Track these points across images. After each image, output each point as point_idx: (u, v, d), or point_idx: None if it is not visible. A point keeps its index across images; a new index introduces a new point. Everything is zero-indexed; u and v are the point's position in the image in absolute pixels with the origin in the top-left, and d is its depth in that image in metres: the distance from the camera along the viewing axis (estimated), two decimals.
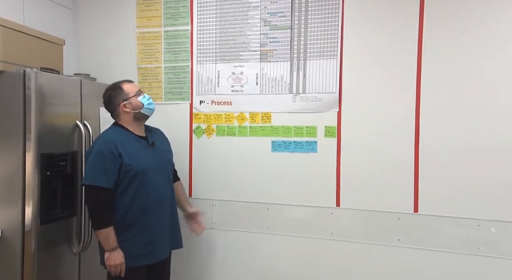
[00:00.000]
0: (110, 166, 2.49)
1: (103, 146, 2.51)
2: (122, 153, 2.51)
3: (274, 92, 3.23)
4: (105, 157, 2.47)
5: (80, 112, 2.96)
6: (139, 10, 3.55)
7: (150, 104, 2.69)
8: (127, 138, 2.60)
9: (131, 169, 2.53)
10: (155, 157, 2.69)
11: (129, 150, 2.56)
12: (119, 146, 2.52)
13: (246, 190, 3.34)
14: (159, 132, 2.92)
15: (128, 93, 2.63)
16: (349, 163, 3.11)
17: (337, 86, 3.09)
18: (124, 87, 2.65)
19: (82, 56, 3.75)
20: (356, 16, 3.06)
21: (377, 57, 3.03)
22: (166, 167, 2.81)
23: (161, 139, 2.85)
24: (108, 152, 2.48)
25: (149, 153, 2.66)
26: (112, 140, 2.53)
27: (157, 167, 2.67)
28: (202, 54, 3.40)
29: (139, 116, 2.67)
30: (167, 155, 2.86)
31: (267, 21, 3.24)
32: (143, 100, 2.65)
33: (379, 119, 3.04)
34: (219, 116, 3.37)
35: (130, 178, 2.54)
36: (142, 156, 2.61)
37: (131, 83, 2.71)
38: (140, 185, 2.56)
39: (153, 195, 2.63)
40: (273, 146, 3.26)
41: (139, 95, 2.66)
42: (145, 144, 2.67)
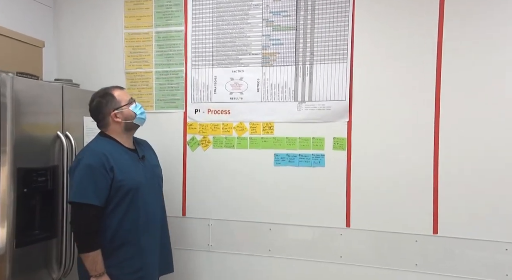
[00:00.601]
0: (101, 182, 2.42)
1: (92, 158, 2.44)
2: (114, 167, 2.45)
3: (277, 100, 3.20)
4: (95, 171, 2.40)
5: (62, 122, 2.92)
6: (127, 9, 3.51)
7: (142, 114, 2.65)
8: (117, 150, 2.55)
9: (123, 185, 2.47)
10: (146, 172, 2.65)
11: (120, 164, 2.50)
12: (111, 159, 2.46)
13: (246, 208, 3.29)
14: (147, 144, 2.89)
15: (120, 101, 2.58)
16: (360, 179, 3.06)
17: (347, 93, 3.05)
18: (116, 94, 2.59)
19: (63, 59, 3.70)
20: (368, 15, 3.02)
21: (391, 61, 2.98)
22: (157, 183, 2.76)
23: (149, 152, 2.82)
24: (99, 165, 2.41)
25: (140, 167, 2.62)
26: (102, 152, 2.46)
27: (148, 183, 2.63)
28: (198, 57, 3.36)
29: (130, 127, 2.63)
30: (157, 170, 2.81)
31: (269, 21, 3.20)
32: (135, 110, 2.62)
33: (394, 130, 2.99)
34: (216, 126, 3.33)
35: (121, 195, 2.48)
36: (133, 170, 2.57)
37: (122, 90, 2.67)
38: (131, 203, 2.52)
39: (145, 214, 2.58)
40: (276, 160, 3.22)
41: (131, 103, 2.62)
42: (136, 157, 2.63)
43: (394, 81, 2.99)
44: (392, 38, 2.98)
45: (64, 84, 3.02)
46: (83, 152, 2.53)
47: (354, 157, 3.07)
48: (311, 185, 3.15)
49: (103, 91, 2.63)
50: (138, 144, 2.74)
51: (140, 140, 2.83)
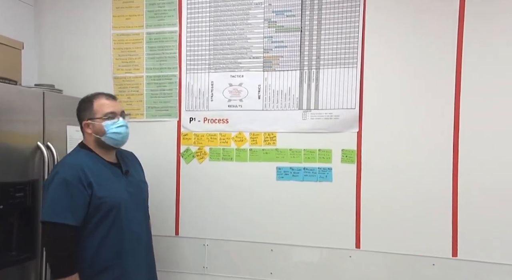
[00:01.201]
0: (78, 199, 2.34)
1: (69, 172, 2.36)
2: (93, 183, 2.38)
3: (280, 108, 3.17)
4: (71, 187, 2.33)
5: (43, 132, 2.87)
6: (116, 7, 3.47)
7: (116, 134, 2.52)
8: (97, 164, 2.49)
9: (104, 202, 2.41)
10: (130, 188, 2.58)
11: (101, 179, 2.43)
12: (89, 173, 2.39)
13: (245, 227, 3.25)
14: (132, 157, 2.83)
15: (95, 112, 2.51)
16: (371, 195, 3.03)
17: (357, 101, 3.03)
18: (96, 103, 2.52)
19: (45, 63, 3.66)
20: (381, 14, 2.99)
21: (406, 65, 2.95)
22: (142, 200, 2.70)
23: (135, 166, 2.76)
24: (75, 180, 2.34)
25: (123, 183, 2.56)
26: (80, 165, 2.39)
27: (132, 200, 2.56)
28: (193, 61, 3.33)
29: (102, 144, 2.54)
30: (142, 186, 2.75)
31: (272, 21, 3.17)
32: (107, 127, 2.50)
33: (409, 142, 2.95)
34: (213, 136, 3.30)
35: (103, 214, 2.42)
36: (116, 186, 2.51)
37: (110, 100, 2.56)
38: (114, 222, 2.45)
39: (129, 234, 2.52)
40: (278, 174, 3.19)
41: (108, 119, 2.50)
42: (118, 172, 2.57)
43: (409, 88, 2.95)
44: (407, 40, 2.95)
45: (45, 90, 2.98)
46: (59, 166, 2.48)
47: (364, 171, 3.04)
48: (317, 201, 3.12)
49: (88, 96, 2.58)
50: (122, 158, 2.68)
51: (125, 152, 2.77)
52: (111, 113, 2.51)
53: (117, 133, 2.51)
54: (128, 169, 2.62)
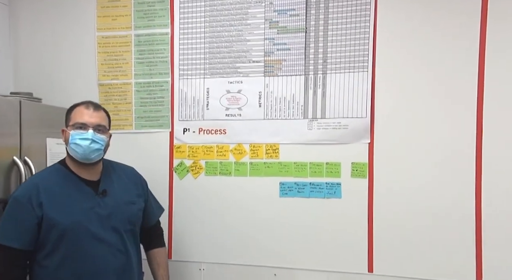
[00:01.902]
0: (24, 219, 2.34)
1: (21, 191, 2.39)
2: (44, 203, 2.35)
3: (283, 117, 3.15)
4: (19, 206, 2.34)
5: (19, 145, 2.83)
6: (101, 7, 3.43)
7: (77, 146, 2.43)
8: (63, 182, 2.46)
9: (55, 224, 2.35)
10: (101, 209, 2.48)
11: (57, 199, 2.39)
12: (43, 192, 2.37)
13: (245, 249, 3.22)
14: (130, 174, 2.76)
15: (70, 119, 2.49)
16: (385, 213, 3.00)
17: (368, 109, 3.00)
18: (75, 110, 2.50)
19: (22, 68, 3.62)
20: (394, 13, 2.97)
21: (423, 70, 2.93)
22: (119, 224, 2.57)
23: (126, 185, 2.67)
24: (25, 200, 2.34)
25: (91, 204, 2.47)
26: (35, 184, 2.40)
27: (100, 223, 2.46)
28: (187, 65, 3.31)
29: (69, 153, 2.49)
30: (126, 208, 2.61)
31: (273, 21, 3.15)
32: (71, 137, 2.44)
33: (427, 154, 2.93)
34: (209, 149, 3.27)
35: (55, 238, 2.36)
36: (76, 207, 2.42)
37: (88, 109, 2.50)
38: (71, 248, 2.39)
39: (91, 264, 2.44)
40: (282, 189, 3.16)
41: (76, 128, 2.45)
42: (88, 192, 2.48)
43: (426, 94, 2.93)
44: (423, 41, 2.92)
45: (22, 99, 2.92)
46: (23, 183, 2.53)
47: (377, 186, 3.01)
48: (325, 220, 3.09)
49: (75, 103, 2.56)
50: (109, 175, 2.61)
51: (121, 168, 2.73)
52: (81, 124, 2.45)
53: (77, 145, 2.43)
54: (105, 189, 2.53)
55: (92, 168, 2.53)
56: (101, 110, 2.55)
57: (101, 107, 2.56)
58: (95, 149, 2.44)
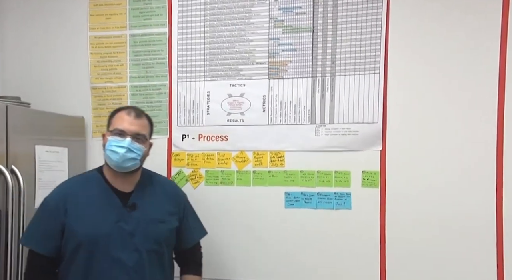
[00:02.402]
0: (49, 225, 2.42)
1: (52, 195, 2.49)
2: (69, 210, 2.40)
3: (289, 122, 3.14)
4: (47, 211, 2.44)
5: (6, 153, 2.76)
6: (93, 5, 3.42)
7: (112, 153, 2.45)
8: (93, 190, 2.50)
9: (73, 235, 2.41)
10: (125, 224, 2.47)
11: (82, 208, 2.43)
12: (70, 199, 2.43)
13: (248, 264, 3.19)
14: (168, 188, 2.77)
15: (111, 124, 2.53)
16: (398, 225, 2.98)
17: (380, 114, 2.99)
18: (116, 115, 2.54)
19: (9, 70, 3.59)
20: (408, 11, 2.95)
21: (439, 71, 2.91)
22: (142, 242, 2.53)
23: (158, 201, 2.65)
24: (53, 204, 2.43)
25: (116, 217, 2.47)
26: (66, 188, 2.50)
27: (120, 239, 2.45)
28: (186, 67, 3.29)
29: (106, 160, 2.53)
30: (153, 226, 2.58)
31: (278, 20, 3.14)
32: (108, 143, 2.47)
33: (443, 162, 2.91)
34: (210, 156, 3.26)
35: (72, 249, 2.40)
36: (99, 219, 2.43)
37: (129, 116, 2.53)
38: (84, 261, 2.41)
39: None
40: (287, 200, 3.13)
41: (115, 135, 2.48)
42: (118, 204, 2.49)
43: (442, 98, 2.92)
44: (440, 41, 2.91)
45: (9, 103, 2.89)
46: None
47: (389, 196, 2.99)
48: (334, 233, 3.07)
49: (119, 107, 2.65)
50: (144, 188, 2.61)
51: (160, 181, 2.76)
52: (120, 131, 2.48)
53: (112, 152, 2.45)
54: (135, 202, 2.53)
55: (127, 178, 2.54)
56: (143, 117, 2.57)
57: (144, 114, 2.59)
58: (130, 158, 2.46)
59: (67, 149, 3.16)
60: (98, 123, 3.36)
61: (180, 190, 2.82)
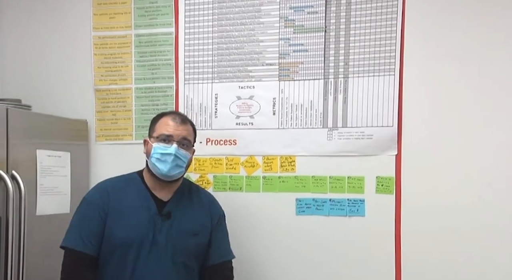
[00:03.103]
0: (94, 223, 2.45)
1: (93, 193, 2.54)
2: (110, 211, 2.45)
3: (300, 126, 3.12)
4: (91, 209, 2.47)
5: (6, 157, 2.75)
6: (97, 4, 3.41)
7: (159, 161, 2.46)
8: (133, 194, 2.54)
9: (110, 236, 2.44)
10: (158, 233, 2.48)
11: (121, 210, 2.47)
12: (113, 199, 2.48)
13: (257, 273, 3.16)
14: (205, 201, 2.74)
15: (155, 130, 2.54)
16: (414, 235, 2.93)
17: (395, 117, 2.96)
18: (161, 121, 2.55)
19: (8, 72, 3.57)
20: (424, 9, 2.91)
21: (459, 71, 2.87)
22: (171, 253, 2.53)
23: (193, 212, 2.65)
24: (97, 203, 2.47)
25: (150, 224, 2.48)
26: (106, 188, 2.54)
27: (149, 248, 2.46)
28: (193, 69, 3.28)
29: (149, 168, 2.54)
30: (185, 238, 2.57)
31: (289, 19, 3.12)
32: (154, 149, 2.48)
33: (464, 167, 2.86)
34: (218, 161, 3.24)
35: (108, 251, 2.45)
36: (135, 224, 2.46)
37: (175, 122, 2.53)
38: (115, 264, 2.45)
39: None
40: (298, 207, 3.10)
41: (161, 141, 2.49)
42: (154, 211, 2.50)
43: (463, 100, 2.87)
44: (460, 39, 2.87)
45: (9, 106, 2.86)
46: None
47: (405, 204, 2.95)
48: (347, 241, 3.05)
49: (162, 112, 2.66)
50: (181, 198, 2.62)
51: (198, 191, 2.76)
52: (167, 136, 2.49)
53: (159, 161, 2.46)
54: (170, 211, 2.53)
55: (168, 186, 2.55)
56: (188, 123, 2.59)
57: (189, 120, 2.62)
58: (176, 166, 2.48)
59: (70, 153, 3.14)
60: (102, 126, 3.34)
61: (218, 204, 2.79)
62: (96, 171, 3.15)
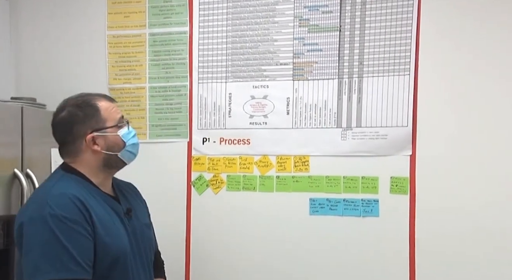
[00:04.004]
0: (83, 240, 1.91)
1: (62, 206, 1.91)
2: (95, 221, 1.96)
3: (314, 126, 3.12)
4: (71, 226, 1.88)
5: (21, 156, 2.82)
6: (112, 3, 3.41)
7: (134, 146, 2.17)
8: (95, 197, 2.05)
9: (108, 250, 1.99)
10: (133, 234, 2.17)
11: (102, 218, 2.01)
12: (90, 209, 1.96)
13: (270, 273, 3.16)
14: (133, 189, 2.42)
15: (105, 119, 2.09)
16: (429, 235, 2.92)
17: (410, 117, 2.96)
18: (102, 106, 2.10)
19: (23, 71, 3.58)
20: (441, 7, 2.89)
21: (476, 70, 2.85)
22: (148, 252, 2.31)
23: (138, 204, 2.35)
24: (75, 216, 1.90)
25: (124, 226, 2.14)
26: (75, 196, 1.94)
27: (135, 252, 2.16)
28: (207, 68, 3.28)
29: (113, 163, 2.13)
30: (148, 233, 2.36)
31: (303, 19, 3.11)
32: (125, 137, 2.12)
33: (480, 168, 2.84)
34: (232, 161, 3.24)
35: (106, 266, 1.99)
36: (119, 230, 2.08)
37: (112, 102, 2.18)
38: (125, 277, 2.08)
39: None
40: (312, 206, 3.10)
41: (121, 126, 2.14)
42: (119, 210, 2.15)
43: (478, 101, 2.86)
44: (477, 38, 2.85)
45: (24, 105, 2.94)
46: (40, 199, 1.98)
47: (420, 204, 2.94)
48: (361, 241, 3.04)
49: (82, 98, 2.13)
50: (120, 190, 2.28)
51: (121, 182, 2.38)
52: (123, 119, 2.18)
53: (135, 145, 2.18)
54: (130, 207, 2.22)
55: (110, 180, 2.24)
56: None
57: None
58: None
59: None
60: None
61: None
62: None
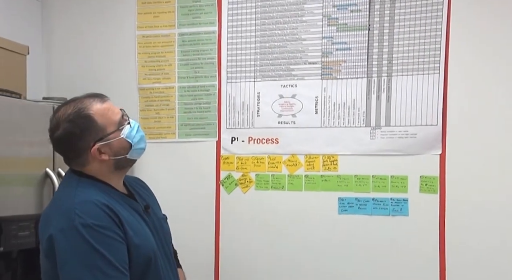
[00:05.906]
0: (116, 245, 1.88)
1: (89, 213, 1.86)
2: (125, 224, 1.93)
3: (343, 125, 3.12)
4: (104, 233, 1.85)
5: (53, 156, 2.80)
6: (141, 3, 3.42)
7: (141, 141, 2.09)
8: (116, 199, 2.02)
9: (140, 252, 1.96)
10: (156, 230, 2.16)
11: (128, 219, 1.98)
12: (117, 211, 1.93)
13: (301, 273, 3.14)
14: (142, 184, 2.38)
15: (104, 126, 1.99)
16: (459, 235, 2.90)
17: (440, 116, 2.95)
18: (96, 113, 1.99)
19: (54, 71, 3.60)
20: (471, 5, 2.88)
21: (507, 69, 2.84)
22: (170, 246, 2.30)
23: (151, 198, 2.32)
24: (106, 222, 1.87)
25: (147, 224, 2.12)
26: (100, 201, 1.90)
27: (161, 247, 2.14)
28: (235, 67, 3.28)
29: (124, 164, 2.10)
30: (166, 228, 2.32)
31: (332, 18, 3.12)
32: (130, 136, 2.04)
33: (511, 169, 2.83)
34: (260, 160, 3.24)
35: (140, 268, 1.97)
36: (145, 229, 2.06)
37: (104, 102, 2.06)
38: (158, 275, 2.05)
39: None
40: (341, 206, 3.10)
41: (121, 126, 2.05)
42: (138, 209, 2.12)
43: (509, 99, 2.85)
44: (506, 38, 2.84)
45: (55, 105, 2.84)
46: (64, 209, 1.91)
47: (450, 203, 2.92)
48: (390, 241, 3.03)
49: (71, 109, 2.00)
50: (132, 186, 2.24)
51: (129, 178, 2.30)
52: (121, 117, 2.07)
53: (141, 140, 2.11)
54: (147, 204, 2.20)
55: (122, 178, 2.19)
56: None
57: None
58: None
59: None
60: (145, 124, 3.28)
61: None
62: (140, 166, 2.99)
